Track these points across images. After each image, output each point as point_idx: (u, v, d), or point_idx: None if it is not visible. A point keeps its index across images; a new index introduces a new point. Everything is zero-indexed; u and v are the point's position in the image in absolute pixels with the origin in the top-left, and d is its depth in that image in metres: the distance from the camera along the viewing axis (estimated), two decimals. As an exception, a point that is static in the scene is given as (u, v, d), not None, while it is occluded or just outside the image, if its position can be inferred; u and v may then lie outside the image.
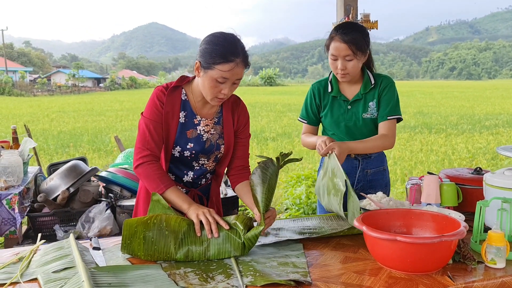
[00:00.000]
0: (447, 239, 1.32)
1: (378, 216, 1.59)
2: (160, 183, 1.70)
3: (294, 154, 2.17)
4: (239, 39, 1.72)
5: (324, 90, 2.28)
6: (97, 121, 17.86)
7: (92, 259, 1.51)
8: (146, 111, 1.80)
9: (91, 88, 51.37)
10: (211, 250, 1.54)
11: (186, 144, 1.82)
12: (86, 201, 2.75)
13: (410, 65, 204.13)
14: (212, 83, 1.69)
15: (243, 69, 1.70)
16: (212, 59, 1.66)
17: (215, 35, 1.71)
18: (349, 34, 2.07)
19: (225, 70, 1.66)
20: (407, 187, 2.06)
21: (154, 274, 1.37)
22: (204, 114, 1.86)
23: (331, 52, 2.13)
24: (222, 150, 1.90)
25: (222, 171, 1.99)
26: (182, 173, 1.90)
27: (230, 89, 1.72)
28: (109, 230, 2.58)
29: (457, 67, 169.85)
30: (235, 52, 1.66)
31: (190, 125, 1.83)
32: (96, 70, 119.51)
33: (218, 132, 1.88)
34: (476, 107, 22.67)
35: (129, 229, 1.54)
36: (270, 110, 21.99)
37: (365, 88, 2.22)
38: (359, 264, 1.48)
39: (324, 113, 2.29)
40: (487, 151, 10.58)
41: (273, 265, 1.47)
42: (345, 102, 2.25)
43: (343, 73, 2.13)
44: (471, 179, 2.02)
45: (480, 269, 1.43)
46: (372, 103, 2.23)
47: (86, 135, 13.84)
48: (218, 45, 1.67)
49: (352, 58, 2.10)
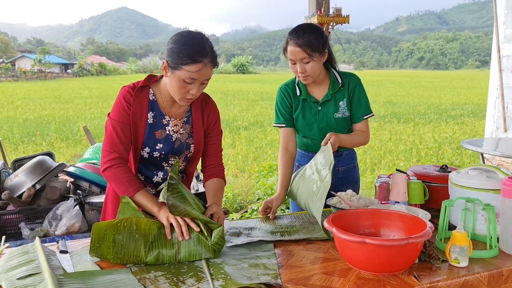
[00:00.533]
0: (414, 241, 1.35)
1: (348, 216, 1.62)
2: (129, 186, 1.67)
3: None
4: (207, 39, 1.69)
5: (293, 92, 2.27)
6: (65, 108, 17.39)
7: (59, 263, 1.47)
8: (113, 113, 1.75)
9: (58, 74, 49.86)
10: (182, 253, 1.53)
11: (155, 144, 1.79)
12: (53, 198, 2.68)
13: (381, 54, 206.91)
14: (179, 84, 1.66)
15: (212, 69, 1.67)
16: (179, 59, 1.62)
17: (183, 35, 1.67)
18: (301, 37, 2.05)
19: (192, 71, 1.62)
20: (376, 185, 2.10)
21: (124, 279, 1.35)
22: (172, 114, 1.83)
23: (288, 56, 2.12)
24: (192, 149, 1.88)
25: (192, 170, 1.97)
26: (152, 174, 1.87)
27: (198, 89, 1.69)
28: (78, 227, 2.53)
29: (426, 57, 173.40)
30: (203, 53, 1.63)
31: (159, 126, 1.80)
32: (63, 56, 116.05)
33: (188, 131, 1.86)
34: (443, 97, 23.24)
35: (98, 232, 1.51)
36: (242, 99, 21.92)
37: (333, 88, 2.23)
38: (328, 264, 1.50)
39: (296, 115, 2.28)
40: (452, 141, 10.89)
41: (244, 266, 1.48)
42: (315, 104, 2.25)
43: (303, 76, 2.12)
44: (437, 177, 2.07)
45: (444, 268, 1.47)
46: (342, 103, 2.24)
47: (54, 123, 13.48)
48: (186, 45, 1.63)
49: (309, 60, 2.08)
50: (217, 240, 1.54)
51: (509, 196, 1.55)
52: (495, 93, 5.86)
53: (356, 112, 2.26)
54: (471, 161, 8.39)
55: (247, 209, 5.63)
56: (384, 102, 20.36)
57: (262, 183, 6.04)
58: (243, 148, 9.99)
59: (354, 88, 2.25)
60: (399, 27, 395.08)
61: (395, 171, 2.19)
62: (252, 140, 11.10)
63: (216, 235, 1.55)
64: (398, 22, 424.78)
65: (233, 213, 5.36)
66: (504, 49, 5.68)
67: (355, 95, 2.25)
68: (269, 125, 13.28)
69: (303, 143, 2.36)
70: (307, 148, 2.36)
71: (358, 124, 2.27)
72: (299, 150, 2.40)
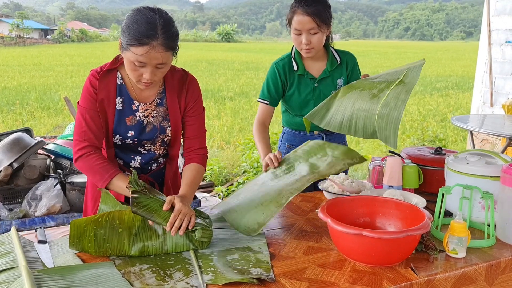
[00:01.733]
0: (412, 234, 1.29)
1: (342, 204, 1.55)
2: (104, 173, 1.56)
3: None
4: (165, 17, 1.51)
5: (289, 68, 2.16)
6: (45, 76, 16.90)
7: (37, 256, 1.38)
8: (81, 99, 1.63)
9: (37, 40, 48.38)
10: (168, 244, 1.45)
11: (127, 132, 1.68)
12: (32, 177, 2.56)
13: (367, 24, 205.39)
14: (130, 66, 1.52)
15: (165, 53, 1.49)
16: (127, 39, 1.47)
17: (136, 11, 1.51)
18: (311, 6, 1.97)
19: (138, 54, 1.46)
20: (369, 168, 2.03)
21: (107, 274, 1.27)
22: (143, 98, 1.70)
23: (294, 26, 2.01)
24: (169, 133, 1.75)
25: (175, 153, 1.85)
26: (129, 158, 1.77)
27: (154, 73, 1.53)
28: (59, 208, 2.42)
29: (411, 28, 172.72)
30: (151, 35, 1.45)
31: (128, 112, 1.68)
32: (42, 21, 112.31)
33: (162, 114, 1.73)
34: (428, 68, 23.23)
35: (76, 229, 1.41)
36: (227, 68, 21.60)
37: (331, 65, 2.16)
38: (322, 255, 1.44)
39: (291, 92, 2.18)
40: (437, 113, 10.94)
41: (234, 258, 1.41)
42: (312, 80, 2.16)
43: (308, 48, 2.03)
44: (432, 160, 2.01)
45: (441, 258, 1.43)
46: (340, 80, 2.18)
47: (34, 92, 13.10)
48: (135, 23, 1.47)
49: (316, 31, 2.00)
50: (201, 235, 1.45)
51: (508, 184, 1.50)
52: (483, 67, 5.82)
53: None
54: (454, 134, 8.45)
55: (232, 182, 5.58)
56: (370, 73, 20.27)
57: (248, 155, 5.97)
58: (229, 119, 9.88)
59: (352, 67, 2.21)
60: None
61: (388, 153, 2.12)
62: (238, 111, 10.97)
63: (199, 231, 1.45)
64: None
65: (219, 186, 5.31)
66: (494, 23, 5.60)
67: (354, 75, 2.20)
68: (254, 96, 13.13)
69: (295, 122, 2.27)
70: (298, 127, 2.28)
71: None
72: (290, 130, 2.32)
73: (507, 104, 4.43)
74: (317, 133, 2.25)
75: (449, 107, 11.80)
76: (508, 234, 1.54)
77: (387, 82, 1.64)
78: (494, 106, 5.66)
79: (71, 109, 5.73)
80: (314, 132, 2.25)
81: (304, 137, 2.23)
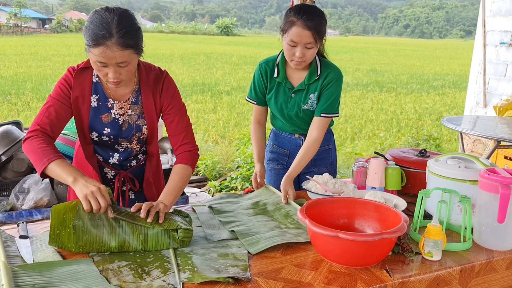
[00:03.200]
0: (388, 236, 1.31)
1: (323, 205, 1.57)
2: (43, 156, 1.51)
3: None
4: (121, 16, 1.50)
5: (271, 73, 2.14)
6: (42, 66, 16.84)
7: (18, 251, 1.40)
8: (53, 92, 1.67)
9: (35, 30, 48.02)
10: (149, 242, 1.46)
11: (103, 129, 1.71)
12: (20, 170, 2.57)
13: (367, 20, 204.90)
14: (94, 66, 1.55)
15: (122, 52, 1.49)
16: (86, 40, 1.50)
17: (94, 12, 1.53)
18: (312, 20, 1.91)
19: (96, 54, 1.49)
20: (353, 169, 2.05)
21: (85, 271, 1.29)
22: (118, 96, 1.72)
23: (291, 38, 1.94)
24: (145, 131, 1.77)
25: (154, 150, 1.87)
26: (108, 155, 1.80)
27: (117, 72, 1.54)
28: (46, 201, 2.43)
29: (411, 25, 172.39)
30: (105, 35, 1.46)
31: (104, 109, 1.70)
32: (40, 10, 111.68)
33: (137, 112, 1.74)
34: (426, 66, 23.28)
35: (57, 216, 1.42)
36: (225, 62, 21.57)
37: (309, 78, 2.09)
38: (300, 255, 1.46)
39: (269, 96, 2.19)
40: (432, 112, 10.97)
41: (213, 256, 1.43)
42: (290, 90, 2.14)
43: (300, 61, 1.99)
44: (416, 162, 2.03)
45: (417, 261, 1.45)
46: (313, 95, 2.12)
47: (30, 81, 13.06)
48: (92, 24, 1.49)
49: (312, 46, 1.96)
50: (183, 235, 1.47)
51: (485, 189, 1.52)
52: (478, 68, 5.84)
53: (319, 106, 2.11)
54: (449, 133, 8.48)
55: (226, 177, 5.60)
56: (367, 70, 20.30)
57: (242, 151, 5.98)
58: (225, 114, 9.88)
59: (329, 83, 2.08)
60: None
61: (373, 154, 2.14)
62: (234, 106, 10.98)
63: (181, 231, 1.47)
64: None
65: (212, 181, 5.32)
66: (489, 24, 5.62)
67: (326, 90, 2.09)
68: (251, 91, 13.12)
69: (277, 124, 2.31)
70: (280, 128, 2.31)
71: (315, 119, 2.11)
72: (275, 130, 2.35)
73: (499, 105, 4.45)
74: (298, 136, 2.27)
75: (445, 106, 11.83)
76: (484, 238, 1.56)
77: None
78: (487, 107, 5.69)
79: (65, 101, 5.74)
80: (295, 135, 2.27)
81: (286, 139, 2.30)
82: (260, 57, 24.23)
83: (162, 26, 66.82)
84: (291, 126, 2.23)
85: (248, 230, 1.64)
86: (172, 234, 1.48)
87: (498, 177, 1.49)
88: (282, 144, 2.32)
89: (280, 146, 2.33)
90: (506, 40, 5.40)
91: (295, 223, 1.72)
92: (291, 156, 2.27)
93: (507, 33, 5.40)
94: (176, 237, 1.47)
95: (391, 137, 7.97)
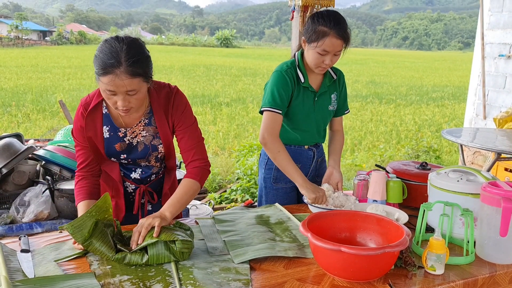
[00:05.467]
0: (390, 250, 1.31)
1: (324, 219, 1.57)
2: (76, 196, 1.77)
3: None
4: (131, 45, 1.52)
5: (297, 78, 2.11)
6: (42, 78, 16.90)
7: (19, 265, 1.39)
8: (74, 130, 1.77)
9: (36, 42, 48.31)
10: (149, 255, 1.46)
11: (119, 155, 1.77)
12: (20, 183, 2.56)
13: (365, 32, 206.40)
14: (104, 95, 1.57)
15: (130, 80, 1.51)
16: (96, 69, 1.53)
17: (104, 41, 1.55)
18: (343, 29, 1.97)
19: (105, 83, 1.51)
20: (354, 182, 2.05)
21: (87, 286, 1.28)
22: (129, 122, 1.75)
23: (324, 48, 1.96)
24: (161, 149, 1.80)
25: (172, 165, 1.91)
26: (130, 170, 1.84)
27: (126, 100, 1.56)
28: (46, 214, 2.43)
29: (410, 37, 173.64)
30: (114, 63, 1.48)
31: (116, 139, 1.75)
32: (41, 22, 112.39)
33: (152, 133, 1.77)
34: (425, 78, 23.37)
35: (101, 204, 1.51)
36: (225, 74, 21.66)
37: (329, 80, 2.19)
38: (303, 269, 1.46)
39: (296, 103, 2.12)
40: (432, 123, 10.99)
41: (214, 271, 1.42)
42: (313, 94, 2.15)
43: (325, 67, 2.04)
44: (417, 175, 2.03)
45: (420, 275, 1.44)
46: (333, 96, 2.23)
47: (30, 93, 13.09)
48: (102, 53, 1.51)
49: (340, 53, 2.03)
50: (181, 246, 1.47)
51: (488, 202, 1.52)
52: (477, 80, 5.87)
53: (341, 106, 2.29)
54: (449, 144, 8.48)
55: (226, 188, 5.58)
56: (367, 81, 20.38)
57: (242, 162, 5.96)
58: (224, 125, 9.89)
59: (343, 83, 2.28)
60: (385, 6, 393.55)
61: (373, 165, 2.14)
62: (234, 117, 10.99)
63: (179, 243, 1.47)
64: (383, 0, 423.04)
65: (212, 193, 5.31)
66: (487, 36, 5.66)
67: (344, 90, 2.28)
68: (251, 102, 13.16)
69: (289, 137, 2.20)
70: (291, 142, 2.22)
71: (338, 118, 2.32)
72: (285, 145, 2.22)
73: (498, 117, 4.47)
74: (308, 147, 2.26)
75: (445, 117, 11.86)
76: (487, 252, 1.56)
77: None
78: (487, 119, 5.70)
79: (66, 112, 5.73)
80: (304, 146, 2.25)
81: (296, 151, 2.23)
82: (260, 69, 24.38)
83: (162, 38, 67.23)
84: (310, 134, 2.20)
85: (239, 242, 1.64)
86: (170, 247, 1.47)
87: (500, 191, 1.49)
88: (293, 157, 2.19)
89: None
90: (504, 52, 5.43)
91: (291, 237, 1.71)
92: (302, 169, 2.22)
93: (505, 46, 5.44)
94: (175, 249, 1.46)
95: (391, 149, 7.98)
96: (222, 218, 1.90)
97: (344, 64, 30.08)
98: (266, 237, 1.69)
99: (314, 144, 2.27)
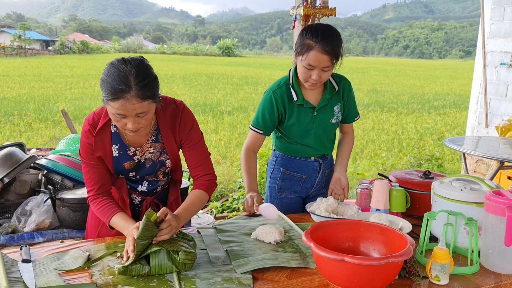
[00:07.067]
0: (394, 260, 1.30)
1: (327, 228, 1.56)
2: (103, 216, 1.70)
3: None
4: (139, 67, 1.51)
5: (288, 97, 2.09)
6: (45, 87, 16.95)
7: (20, 276, 1.38)
8: (81, 150, 1.73)
9: (39, 51, 48.54)
10: (151, 266, 1.45)
11: (127, 173, 1.77)
12: (22, 192, 2.56)
13: (366, 41, 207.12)
14: (113, 118, 1.56)
15: (141, 104, 1.50)
16: (104, 94, 1.51)
17: (110, 65, 1.53)
18: (330, 44, 1.88)
19: (115, 107, 1.50)
20: (357, 191, 2.04)
21: (88, 296, 1.27)
22: (137, 142, 1.75)
23: (309, 62, 1.91)
24: (169, 164, 1.81)
25: (178, 177, 1.93)
26: (137, 184, 1.84)
27: (136, 122, 1.55)
28: (48, 223, 2.42)
29: (411, 46, 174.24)
30: (124, 89, 1.46)
31: (125, 158, 1.75)
32: (44, 32, 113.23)
33: (159, 149, 1.77)
34: (426, 86, 23.40)
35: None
36: (227, 83, 21.71)
37: (330, 93, 2.13)
38: (305, 280, 1.44)
39: (291, 122, 2.12)
40: (434, 132, 10.97)
41: (217, 281, 1.41)
42: (311, 109, 2.12)
43: (315, 82, 1.98)
44: (420, 184, 2.02)
45: (424, 285, 1.43)
46: (336, 107, 2.17)
47: (33, 102, 13.14)
48: (110, 77, 1.49)
49: (329, 69, 1.96)
50: (184, 257, 1.46)
51: (492, 211, 1.51)
52: (478, 88, 5.87)
53: (348, 115, 2.26)
54: (451, 153, 8.46)
55: (228, 197, 5.57)
56: (368, 90, 20.40)
57: (244, 171, 5.95)
58: (226, 134, 9.90)
59: (348, 92, 2.21)
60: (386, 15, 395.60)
61: (376, 174, 2.13)
62: (235, 126, 11.00)
63: (182, 254, 1.46)
64: (384, 9, 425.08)
65: (213, 202, 5.30)
66: (489, 45, 5.66)
67: (349, 99, 2.23)
68: (252, 111, 13.17)
69: (292, 149, 2.21)
70: (295, 154, 2.22)
71: (348, 125, 2.31)
72: (285, 155, 2.25)
73: (501, 126, 4.46)
74: (314, 159, 2.24)
75: (447, 126, 11.85)
76: (492, 261, 1.54)
77: None
78: (489, 127, 5.69)
79: (68, 121, 5.74)
80: (311, 157, 2.23)
81: (301, 163, 2.23)
82: (261, 78, 24.43)
83: (164, 47, 67.52)
84: (312, 148, 2.19)
85: (241, 252, 1.63)
86: (173, 257, 1.46)
87: (505, 200, 1.48)
88: (297, 169, 2.24)
89: (295, 171, 2.24)
90: (506, 60, 5.44)
91: (293, 247, 1.70)
92: (308, 180, 2.24)
93: (507, 54, 5.44)
94: (178, 260, 1.45)
95: (393, 157, 7.96)
96: (224, 228, 1.89)
97: (346, 73, 29.67)
98: (268, 248, 1.68)
99: (321, 156, 2.25)
